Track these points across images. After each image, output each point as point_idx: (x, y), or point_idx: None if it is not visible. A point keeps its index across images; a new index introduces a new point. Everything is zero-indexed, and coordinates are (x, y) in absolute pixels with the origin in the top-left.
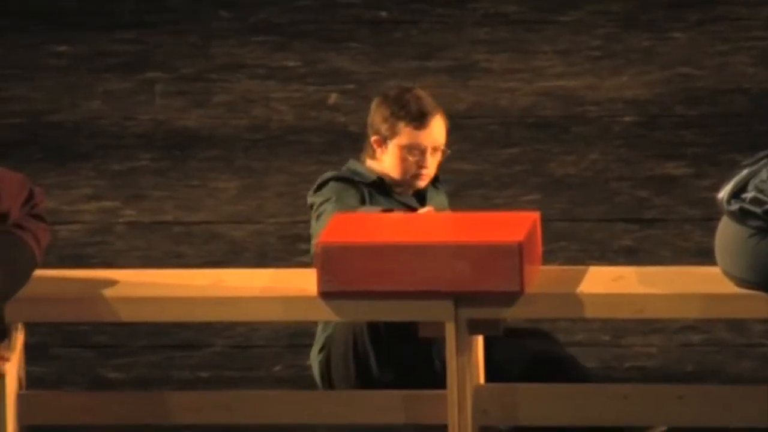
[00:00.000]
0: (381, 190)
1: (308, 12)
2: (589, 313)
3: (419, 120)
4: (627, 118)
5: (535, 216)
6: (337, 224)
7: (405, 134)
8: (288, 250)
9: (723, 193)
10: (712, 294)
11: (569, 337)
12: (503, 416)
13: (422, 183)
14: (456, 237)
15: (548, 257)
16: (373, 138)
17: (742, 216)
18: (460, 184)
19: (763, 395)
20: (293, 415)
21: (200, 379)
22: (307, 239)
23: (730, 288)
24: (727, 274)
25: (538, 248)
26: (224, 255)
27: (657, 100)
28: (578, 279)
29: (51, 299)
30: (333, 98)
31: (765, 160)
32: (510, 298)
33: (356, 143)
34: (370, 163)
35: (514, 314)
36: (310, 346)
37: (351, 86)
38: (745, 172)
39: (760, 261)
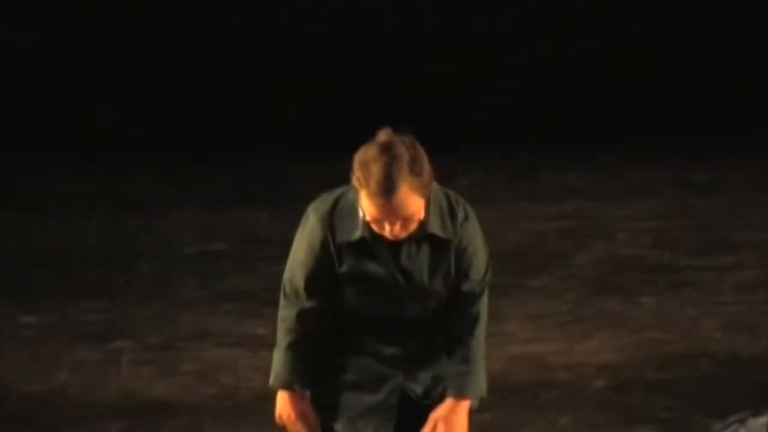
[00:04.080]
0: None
1: (279, 278)
2: None
3: (380, 195)
4: (598, 383)
5: None
6: None
7: (367, 203)
8: None
9: None
10: None
11: None
12: None
13: (391, 238)
14: None
15: None
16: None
17: None
18: None
19: None
20: None
21: None
22: None
23: None
24: None
25: None
26: None
27: (628, 364)
28: None
29: None
30: None
31: (736, 425)
32: None
33: None
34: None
35: None
36: None
37: None
38: None
39: None
